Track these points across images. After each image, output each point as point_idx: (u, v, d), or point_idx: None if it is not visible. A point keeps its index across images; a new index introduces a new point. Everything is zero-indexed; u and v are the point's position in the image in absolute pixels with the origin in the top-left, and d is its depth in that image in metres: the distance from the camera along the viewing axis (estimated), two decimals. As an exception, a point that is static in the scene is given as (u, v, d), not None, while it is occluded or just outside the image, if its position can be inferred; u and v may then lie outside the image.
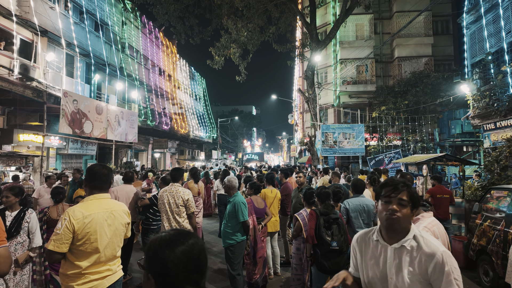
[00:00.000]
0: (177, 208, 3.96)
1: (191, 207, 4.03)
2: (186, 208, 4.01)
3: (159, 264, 0.99)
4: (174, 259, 0.98)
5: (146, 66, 21.63)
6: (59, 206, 3.81)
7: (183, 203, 3.98)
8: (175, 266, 0.98)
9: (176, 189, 4.02)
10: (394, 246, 1.49)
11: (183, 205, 3.98)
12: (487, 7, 10.52)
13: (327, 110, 22.37)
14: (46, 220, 3.61)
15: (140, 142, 20.89)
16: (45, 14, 11.95)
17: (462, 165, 8.17)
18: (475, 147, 17.33)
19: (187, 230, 1.11)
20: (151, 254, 1.02)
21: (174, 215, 3.96)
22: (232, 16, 15.00)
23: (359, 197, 4.04)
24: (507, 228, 4.44)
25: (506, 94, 9.48)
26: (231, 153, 48.62)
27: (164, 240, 1.03)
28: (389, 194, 1.49)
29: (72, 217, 2.10)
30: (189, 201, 4.01)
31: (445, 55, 21.14)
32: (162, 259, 0.99)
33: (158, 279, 1.00)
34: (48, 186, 6.08)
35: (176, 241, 1.02)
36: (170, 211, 3.96)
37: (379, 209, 1.54)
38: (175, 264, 0.98)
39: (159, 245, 1.02)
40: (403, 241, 1.47)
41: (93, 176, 2.31)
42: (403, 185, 1.49)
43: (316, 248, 3.32)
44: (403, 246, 1.47)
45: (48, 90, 11.31)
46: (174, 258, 0.98)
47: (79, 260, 2.14)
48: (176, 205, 3.95)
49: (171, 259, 0.98)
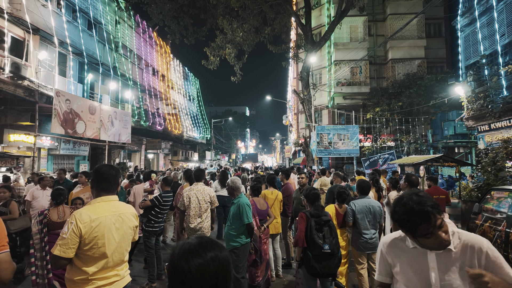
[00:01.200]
0: (205, 204, 4.44)
1: (215, 202, 4.56)
2: (211, 204, 4.51)
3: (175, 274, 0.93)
4: (187, 272, 0.90)
5: (140, 66, 21.38)
6: (59, 208, 3.68)
7: (210, 199, 4.50)
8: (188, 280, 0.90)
9: (202, 188, 4.50)
10: (437, 252, 1.44)
11: (210, 201, 4.49)
12: (481, 10, 10.67)
13: (321, 111, 22.45)
14: (47, 222, 3.48)
15: (133, 143, 20.62)
16: (37, 12, 11.69)
17: (459, 166, 8.25)
18: (467, 149, 17.59)
19: (212, 240, 1.02)
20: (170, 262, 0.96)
21: (202, 210, 4.42)
22: (227, 17, 14.93)
23: (365, 198, 4.01)
24: (508, 228, 4.47)
25: (500, 96, 9.62)
26: (225, 154, 48.43)
27: (183, 249, 0.96)
28: (429, 231, 1.35)
29: (79, 221, 2.01)
30: (214, 197, 4.57)
31: (437, 58, 21.43)
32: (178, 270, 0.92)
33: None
34: (42, 188, 5.90)
35: (194, 252, 0.94)
36: (199, 208, 4.39)
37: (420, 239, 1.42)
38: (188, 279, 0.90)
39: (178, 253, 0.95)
40: (447, 245, 1.42)
41: (100, 177, 2.21)
42: (437, 212, 1.36)
43: (307, 251, 3.26)
44: (449, 249, 1.42)
45: (40, 89, 11.06)
46: (187, 270, 0.90)
47: (86, 266, 2.04)
48: (204, 201, 4.43)
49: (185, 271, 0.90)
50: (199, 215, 4.37)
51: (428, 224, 1.33)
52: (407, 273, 1.51)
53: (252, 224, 3.91)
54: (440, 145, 18.25)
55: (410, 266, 1.50)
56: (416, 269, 1.48)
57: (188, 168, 6.56)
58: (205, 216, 4.42)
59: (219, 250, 0.97)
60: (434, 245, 1.41)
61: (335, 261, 3.24)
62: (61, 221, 3.58)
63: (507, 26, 9.62)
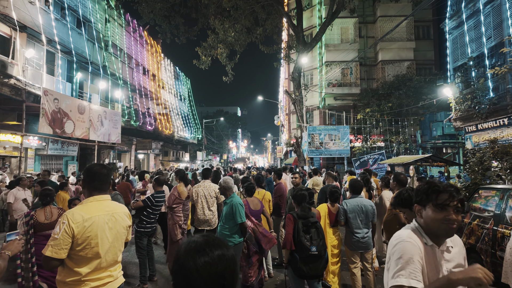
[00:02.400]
0: (211, 199, 4.97)
1: (221, 197, 4.88)
2: (217, 199, 4.99)
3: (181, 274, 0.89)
4: (193, 271, 0.87)
5: (130, 65, 21.14)
6: (46, 209, 3.59)
7: (216, 194, 4.98)
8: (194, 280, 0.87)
9: (208, 185, 5.05)
10: (442, 248, 1.49)
11: (215, 196, 4.99)
12: (468, 13, 10.90)
13: (313, 111, 22.60)
14: (33, 224, 3.40)
15: (123, 143, 20.36)
16: (24, 9, 11.44)
17: (447, 166, 8.41)
18: (455, 149, 17.95)
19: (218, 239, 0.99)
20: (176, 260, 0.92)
21: (209, 204, 4.95)
22: (219, 16, 14.88)
23: (357, 198, 4.04)
24: (495, 226, 4.57)
25: (487, 97, 9.85)
26: (216, 154, 48.27)
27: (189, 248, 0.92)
28: (446, 202, 1.43)
29: (71, 221, 1.97)
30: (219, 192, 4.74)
31: (426, 59, 21.82)
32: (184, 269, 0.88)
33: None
34: (22, 188, 5.78)
35: (201, 250, 0.91)
36: (206, 202, 4.94)
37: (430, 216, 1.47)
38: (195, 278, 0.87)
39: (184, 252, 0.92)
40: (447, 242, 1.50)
41: (92, 176, 2.18)
42: (457, 192, 1.45)
43: (294, 253, 3.24)
44: (448, 246, 1.50)
45: (27, 88, 10.82)
46: (194, 269, 0.87)
47: (78, 267, 2.00)
48: (210, 196, 4.97)
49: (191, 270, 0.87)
50: (207, 208, 4.92)
51: (453, 198, 1.43)
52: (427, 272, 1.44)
53: (245, 223, 3.90)
54: (428, 145, 18.57)
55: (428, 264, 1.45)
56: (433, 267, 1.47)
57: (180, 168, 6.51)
58: (214, 209, 4.96)
59: (226, 249, 0.94)
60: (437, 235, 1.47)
61: (322, 263, 3.24)
62: (48, 222, 3.50)
63: (494, 29, 9.86)
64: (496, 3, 9.74)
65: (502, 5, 9.46)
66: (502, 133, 9.35)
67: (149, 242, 4.84)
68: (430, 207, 1.47)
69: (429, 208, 1.48)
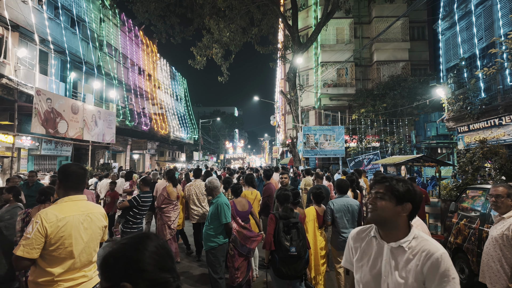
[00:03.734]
0: (202, 196, 5.72)
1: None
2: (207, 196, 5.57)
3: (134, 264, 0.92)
4: (148, 255, 0.93)
5: (125, 65, 21.07)
6: (40, 208, 3.59)
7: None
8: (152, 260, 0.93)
9: (199, 183, 5.80)
10: (391, 245, 1.45)
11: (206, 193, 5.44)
12: (460, 14, 10.96)
13: (308, 112, 22.63)
14: (28, 221, 3.41)
15: (118, 143, 20.29)
16: (17, 8, 11.38)
17: (438, 166, 8.44)
18: (449, 149, 18.03)
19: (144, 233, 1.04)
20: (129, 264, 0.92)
21: (200, 201, 5.72)
22: (214, 16, 14.88)
23: (343, 197, 4.05)
24: (481, 226, 4.59)
25: (478, 98, 9.90)
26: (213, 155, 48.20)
27: (128, 244, 0.96)
28: (371, 188, 1.56)
29: (45, 220, 1.95)
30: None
31: (421, 60, 21.91)
32: (137, 259, 0.91)
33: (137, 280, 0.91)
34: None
35: (142, 243, 0.96)
36: (197, 199, 5.72)
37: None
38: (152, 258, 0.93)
39: (134, 251, 0.94)
40: (402, 242, 1.43)
41: (67, 176, 2.16)
42: (384, 180, 1.52)
43: (274, 253, 3.23)
44: (401, 246, 1.43)
45: (20, 87, 10.77)
46: (148, 254, 0.93)
47: (51, 267, 1.98)
48: (201, 193, 5.72)
49: (145, 255, 0.92)
50: (199, 204, 5.70)
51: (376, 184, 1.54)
52: (362, 261, 1.54)
53: (230, 224, 3.88)
54: (423, 145, 18.65)
55: (366, 255, 1.53)
56: (371, 259, 1.50)
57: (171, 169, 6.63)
58: (204, 204, 5.71)
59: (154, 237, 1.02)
60: (380, 227, 1.52)
61: (302, 264, 3.22)
62: None
63: (485, 30, 9.92)
64: (487, 4, 9.80)
65: (493, 6, 9.52)
66: (493, 133, 9.40)
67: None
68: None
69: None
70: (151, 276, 0.91)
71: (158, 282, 0.91)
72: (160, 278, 0.92)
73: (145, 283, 0.90)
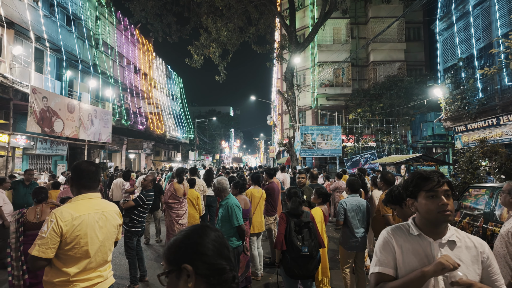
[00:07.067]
0: (199, 192, 6.31)
1: (206, 190, 6.73)
2: (203, 192, 6.53)
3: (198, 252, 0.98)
4: (208, 241, 0.99)
5: (121, 63, 20.87)
6: (37, 208, 3.50)
7: (202, 188, 6.62)
8: (212, 245, 0.99)
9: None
10: (440, 241, 1.44)
11: (202, 190, 6.52)
12: (458, 15, 11.06)
13: (305, 111, 22.68)
14: (23, 222, 3.31)
15: (114, 143, 20.09)
16: (12, 5, 11.18)
17: (437, 165, 8.51)
18: (444, 149, 18.21)
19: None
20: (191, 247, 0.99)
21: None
22: (212, 15, 14.80)
23: (355, 197, 3.99)
24: (485, 224, 4.63)
25: (476, 98, 10.00)
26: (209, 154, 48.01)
27: (191, 231, 1.03)
28: (434, 188, 1.44)
29: (60, 219, 1.90)
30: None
31: (417, 60, 22.10)
32: (199, 242, 0.98)
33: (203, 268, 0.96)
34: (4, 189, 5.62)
35: (204, 230, 1.03)
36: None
37: (423, 205, 1.46)
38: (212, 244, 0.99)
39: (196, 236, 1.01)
40: (449, 236, 1.43)
41: (80, 174, 2.11)
42: (441, 176, 1.47)
43: (285, 253, 3.19)
44: (452, 240, 1.43)
45: (15, 86, 10.57)
46: (209, 240, 0.99)
47: (67, 267, 1.94)
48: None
49: (206, 240, 0.99)
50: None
51: (439, 183, 1.45)
52: (412, 263, 1.45)
53: (243, 226, 3.75)
54: (419, 145, 18.81)
55: (415, 255, 1.45)
56: (420, 258, 1.44)
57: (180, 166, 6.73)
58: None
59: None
60: (438, 227, 1.45)
61: (314, 263, 3.18)
62: (37, 221, 3.42)
63: (483, 31, 10.03)
64: (485, 5, 9.90)
65: (491, 7, 9.62)
66: (491, 133, 9.51)
67: (138, 242, 4.77)
68: (422, 196, 1.48)
69: (420, 198, 1.48)
70: (210, 260, 0.97)
71: (215, 267, 0.97)
72: (218, 264, 0.97)
73: (204, 266, 0.96)
